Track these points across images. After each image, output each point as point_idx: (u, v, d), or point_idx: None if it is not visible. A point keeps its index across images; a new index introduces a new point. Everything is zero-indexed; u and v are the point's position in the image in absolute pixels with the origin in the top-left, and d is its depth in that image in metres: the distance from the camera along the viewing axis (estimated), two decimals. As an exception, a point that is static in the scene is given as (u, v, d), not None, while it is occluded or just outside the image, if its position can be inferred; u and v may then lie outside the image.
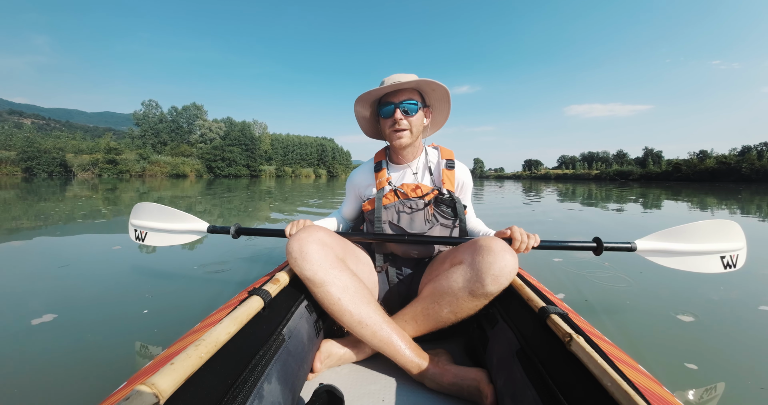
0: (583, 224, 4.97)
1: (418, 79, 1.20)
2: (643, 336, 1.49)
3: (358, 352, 1.06)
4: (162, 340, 1.40)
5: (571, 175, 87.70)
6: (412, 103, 1.21)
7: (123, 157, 33.41)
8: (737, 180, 44.40)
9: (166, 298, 1.89)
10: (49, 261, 2.60)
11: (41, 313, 1.67)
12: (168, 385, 0.53)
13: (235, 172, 44.60)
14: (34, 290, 1.98)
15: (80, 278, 2.18)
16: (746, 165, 46.21)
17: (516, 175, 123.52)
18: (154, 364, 0.70)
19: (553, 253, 2.85)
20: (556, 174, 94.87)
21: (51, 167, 29.24)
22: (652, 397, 0.56)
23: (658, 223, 5.37)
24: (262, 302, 0.85)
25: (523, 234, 1.10)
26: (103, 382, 1.12)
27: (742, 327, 1.62)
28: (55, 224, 4.30)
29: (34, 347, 1.36)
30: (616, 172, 71.82)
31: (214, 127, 49.63)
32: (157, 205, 1.74)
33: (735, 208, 7.47)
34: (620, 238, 1.36)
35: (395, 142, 1.26)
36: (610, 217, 5.79)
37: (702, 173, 51.68)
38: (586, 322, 0.94)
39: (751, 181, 42.62)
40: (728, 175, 47.56)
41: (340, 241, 1.10)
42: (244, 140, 48.32)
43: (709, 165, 51.64)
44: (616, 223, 5.07)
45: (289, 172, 58.59)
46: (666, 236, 1.41)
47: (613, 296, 1.96)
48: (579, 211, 6.70)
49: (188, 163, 40.11)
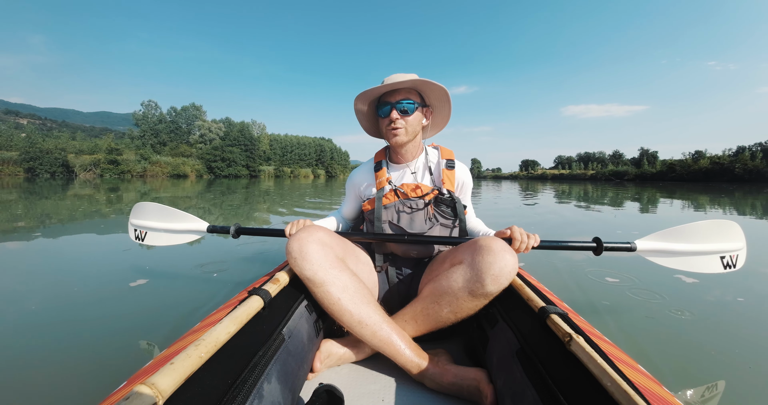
0: (582, 224, 4.97)
1: (415, 78, 1.20)
2: (643, 336, 1.49)
3: (358, 352, 1.06)
4: (162, 339, 1.40)
5: (568, 176, 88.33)
6: (409, 103, 1.22)
7: (124, 158, 33.61)
8: (731, 180, 45.46)
9: (166, 297, 1.89)
10: (49, 261, 2.60)
11: (41, 312, 1.67)
12: (168, 384, 0.53)
13: (235, 172, 44.89)
14: (34, 290, 1.98)
15: (80, 278, 2.18)
16: (739, 165, 47.10)
17: (513, 176, 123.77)
18: (154, 363, 0.70)
19: (553, 253, 2.85)
20: (552, 174, 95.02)
21: (53, 167, 29.40)
22: (652, 397, 0.56)
23: (652, 222, 5.40)
24: (262, 302, 0.85)
25: (523, 234, 1.10)
26: (103, 382, 1.12)
27: (742, 327, 1.62)
28: (55, 224, 4.30)
29: (34, 347, 1.36)
30: (611, 172, 72.91)
31: (214, 128, 49.77)
32: (157, 205, 1.74)
33: (729, 208, 7.48)
34: (617, 238, 1.36)
35: (391, 140, 1.27)
36: (605, 217, 5.79)
37: (696, 173, 52.51)
38: (586, 322, 0.94)
39: (744, 181, 43.46)
40: (722, 175, 48.44)
41: (340, 241, 1.10)
42: (243, 141, 48.59)
43: (702, 165, 52.52)
44: (612, 225, 5.07)
45: (288, 172, 59.08)
46: (666, 236, 1.41)
47: (613, 296, 1.96)
48: (576, 211, 6.72)
49: (189, 164, 40.37)
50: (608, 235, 3.77)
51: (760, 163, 45.87)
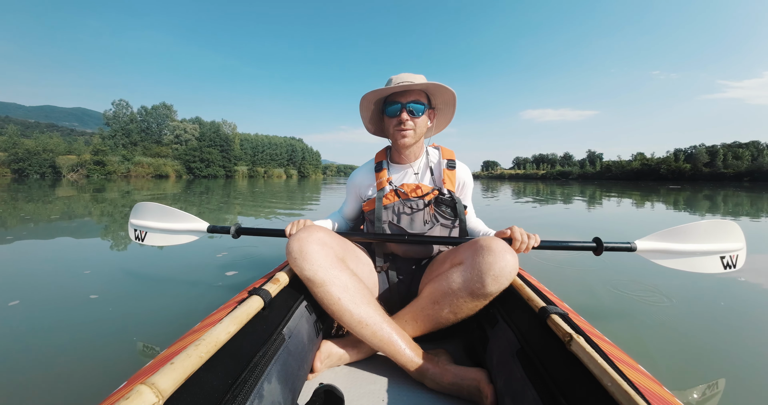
0: (582, 225, 4.98)
1: (428, 82, 1.20)
2: (643, 336, 1.49)
3: (358, 352, 1.06)
4: (162, 339, 1.40)
5: (522, 175, 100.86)
6: (419, 105, 1.22)
7: (109, 159, 34.15)
8: (657, 179, 54.41)
9: (166, 298, 1.89)
10: (49, 261, 2.60)
11: (41, 312, 1.67)
12: (168, 384, 0.53)
13: (213, 172, 46.27)
14: (34, 289, 1.98)
15: (80, 278, 2.18)
16: (664, 166, 58.24)
17: (475, 175, 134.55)
18: (154, 363, 0.70)
19: (554, 254, 2.85)
20: (509, 174, 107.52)
21: (42, 168, 29.69)
22: (652, 397, 0.56)
23: (596, 217, 6.02)
24: (262, 302, 0.85)
25: (524, 234, 1.10)
26: (103, 382, 1.12)
27: (742, 326, 1.62)
28: (55, 223, 4.30)
29: (35, 347, 1.36)
30: (558, 172, 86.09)
31: (189, 128, 49.79)
32: (157, 205, 1.74)
33: (655, 201, 9.26)
34: (577, 235, 1.36)
35: (399, 141, 1.25)
36: (600, 216, 5.81)
37: (628, 173, 62.31)
38: (586, 322, 0.94)
39: (668, 179, 53.63)
40: (650, 174, 58.38)
41: (340, 241, 1.10)
42: (219, 141, 49.70)
43: (634, 166, 62.85)
44: (608, 224, 5.07)
45: (262, 172, 61.06)
46: (666, 236, 1.41)
47: (613, 296, 1.96)
48: (532, 207, 7.59)
49: (169, 165, 41.27)
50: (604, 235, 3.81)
51: (681, 165, 57.89)
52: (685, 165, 57.00)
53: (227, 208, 6.74)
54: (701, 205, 8.26)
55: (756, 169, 47.71)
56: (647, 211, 6.86)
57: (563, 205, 8.05)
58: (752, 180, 44.61)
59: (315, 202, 8.55)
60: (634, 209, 7.35)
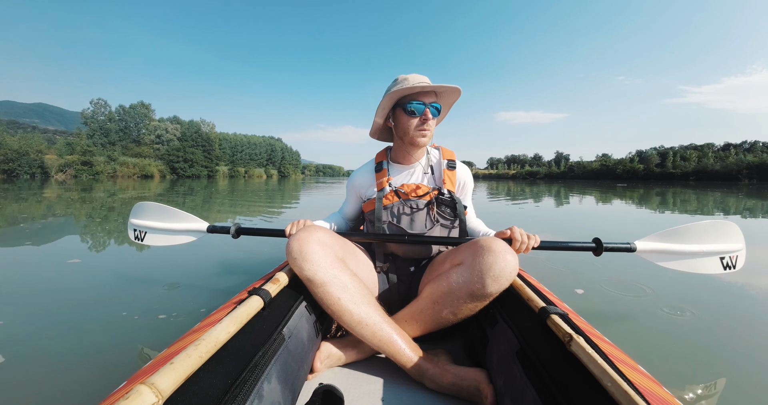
0: (582, 225, 4.98)
1: (455, 86, 1.21)
2: (643, 336, 1.49)
3: (358, 352, 1.06)
4: (162, 340, 1.40)
5: (495, 175, 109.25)
6: (437, 106, 1.24)
7: (96, 159, 34.24)
8: (614, 178, 61.05)
9: (166, 298, 1.89)
10: (48, 261, 2.59)
11: (41, 312, 1.67)
12: (168, 384, 0.53)
13: (197, 172, 46.52)
14: (34, 289, 1.97)
15: (80, 278, 2.18)
16: (620, 167, 65.54)
17: None
18: (153, 363, 0.70)
19: (554, 254, 2.85)
20: (483, 174, 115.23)
21: (32, 169, 29.75)
22: (652, 398, 0.56)
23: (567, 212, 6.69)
24: (262, 302, 0.85)
25: (524, 234, 1.10)
26: (103, 382, 1.12)
27: (742, 326, 1.62)
28: (53, 222, 4.30)
29: (35, 347, 1.36)
30: (527, 172, 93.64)
31: (170, 128, 49.42)
32: (156, 205, 1.73)
33: (614, 199, 10.40)
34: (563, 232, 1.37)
35: (418, 140, 1.24)
36: (599, 215, 5.82)
37: (589, 173, 70.09)
38: (586, 323, 0.94)
39: (623, 179, 61.21)
40: (607, 174, 66.69)
41: (340, 241, 1.10)
42: (201, 141, 49.71)
43: (594, 167, 70.49)
44: (605, 224, 5.08)
45: (242, 172, 61.67)
46: (665, 237, 1.41)
47: (613, 297, 1.96)
48: (512, 205, 8.23)
49: (153, 165, 41.39)
50: (603, 235, 3.80)
51: (635, 165, 64.55)
52: (638, 166, 64.47)
53: (209, 207, 6.75)
54: (653, 201, 9.74)
55: (701, 169, 55.26)
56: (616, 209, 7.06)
57: (533, 203, 8.81)
58: (697, 179, 51.46)
59: (296, 201, 8.87)
60: (600, 207, 7.99)
